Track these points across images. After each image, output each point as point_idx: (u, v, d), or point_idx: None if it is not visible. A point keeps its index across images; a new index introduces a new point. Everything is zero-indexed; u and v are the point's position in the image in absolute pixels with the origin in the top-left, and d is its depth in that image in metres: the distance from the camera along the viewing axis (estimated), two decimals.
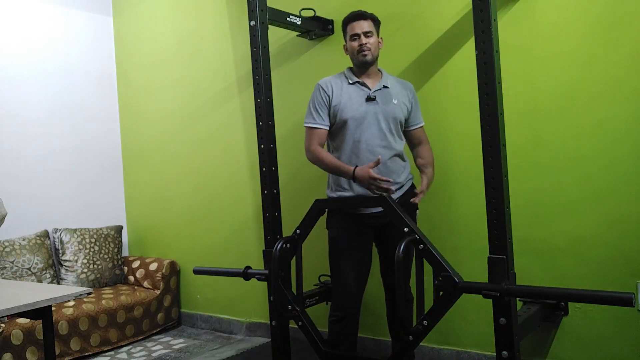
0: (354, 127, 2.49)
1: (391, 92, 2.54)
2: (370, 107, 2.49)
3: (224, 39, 3.79)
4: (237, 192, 3.78)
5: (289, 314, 2.58)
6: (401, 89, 2.59)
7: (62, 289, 2.33)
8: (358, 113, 2.48)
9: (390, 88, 2.54)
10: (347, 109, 2.49)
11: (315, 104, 2.55)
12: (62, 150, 4.11)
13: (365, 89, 2.52)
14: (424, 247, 2.18)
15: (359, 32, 2.49)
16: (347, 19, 2.55)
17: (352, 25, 2.52)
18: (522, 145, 2.65)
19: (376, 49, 2.52)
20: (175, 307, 4.05)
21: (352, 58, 2.55)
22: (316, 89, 2.57)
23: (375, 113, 2.49)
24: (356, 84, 2.53)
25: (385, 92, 2.53)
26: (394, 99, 2.52)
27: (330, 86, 2.54)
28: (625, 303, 1.83)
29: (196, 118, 3.99)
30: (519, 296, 2.27)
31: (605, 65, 2.45)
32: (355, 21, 2.52)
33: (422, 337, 2.21)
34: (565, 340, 2.60)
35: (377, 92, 2.51)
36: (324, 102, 2.54)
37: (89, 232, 4.01)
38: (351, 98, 2.50)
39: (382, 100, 2.51)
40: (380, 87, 2.53)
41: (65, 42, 4.18)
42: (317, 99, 2.55)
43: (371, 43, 2.49)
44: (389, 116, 2.50)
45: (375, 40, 2.52)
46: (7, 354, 3.00)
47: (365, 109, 2.48)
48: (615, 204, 2.44)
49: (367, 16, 2.52)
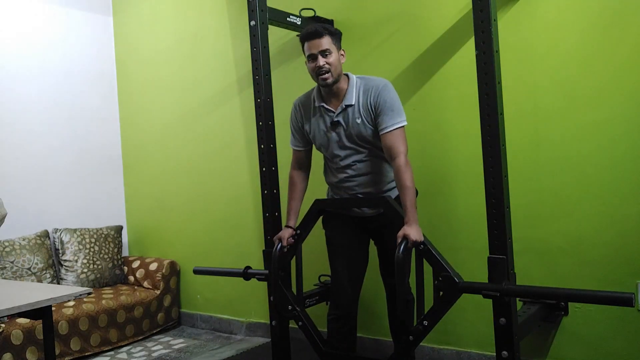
0: (324, 150, 2.52)
1: (355, 110, 2.38)
2: (334, 133, 2.44)
3: (224, 39, 3.79)
4: (237, 192, 3.78)
5: (289, 314, 2.58)
6: (364, 99, 2.37)
7: (62, 289, 2.33)
8: (325, 139, 2.48)
9: (355, 104, 2.38)
10: (316, 136, 2.52)
11: (291, 126, 2.61)
12: (62, 150, 4.11)
13: (330, 113, 2.44)
14: (424, 247, 2.18)
15: (315, 52, 2.33)
16: (302, 37, 2.40)
17: (307, 45, 2.36)
18: (522, 145, 2.65)
19: (337, 66, 2.35)
20: (175, 307, 4.05)
21: (313, 78, 2.42)
22: (292, 109, 2.61)
23: (338, 136, 2.44)
24: (320, 108, 2.47)
25: (349, 112, 2.39)
26: (357, 118, 2.38)
27: (300, 110, 2.56)
28: (625, 303, 1.83)
29: (196, 118, 3.99)
30: (519, 296, 2.27)
31: (605, 65, 2.45)
32: (310, 40, 2.35)
33: (422, 337, 2.22)
34: (565, 340, 2.60)
35: (340, 114, 2.41)
36: (297, 126, 2.59)
37: (89, 232, 4.01)
38: (318, 125, 2.49)
39: (346, 121, 2.41)
40: (342, 109, 2.40)
41: (65, 42, 4.18)
42: (292, 123, 2.60)
43: (330, 62, 2.33)
44: (353, 136, 2.40)
45: (336, 58, 2.35)
46: (7, 354, 3.00)
47: (331, 135, 2.46)
48: (615, 204, 2.44)
49: (323, 33, 2.34)
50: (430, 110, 2.84)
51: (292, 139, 2.62)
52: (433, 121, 2.85)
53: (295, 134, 2.60)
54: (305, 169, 2.65)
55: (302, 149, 2.60)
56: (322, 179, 2.66)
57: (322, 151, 2.56)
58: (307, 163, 2.65)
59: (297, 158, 2.63)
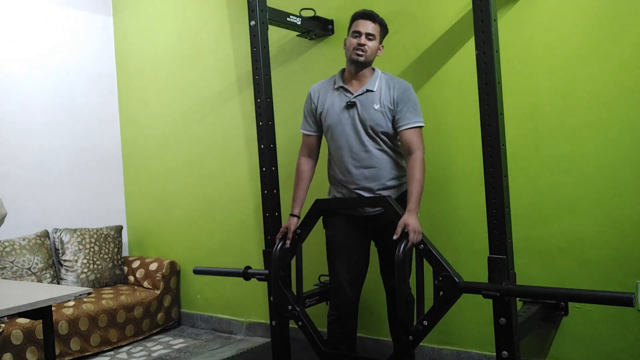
0: (336, 133, 2.49)
1: (374, 97, 2.43)
2: (348, 114, 2.46)
3: (224, 39, 3.79)
4: (237, 192, 3.78)
5: (289, 314, 2.58)
6: (387, 90, 2.44)
7: (62, 289, 2.33)
8: (338, 119, 2.48)
9: (376, 91, 2.44)
10: (329, 115, 2.51)
11: (305, 110, 2.61)
12: (62, 150, 4.11)
13: (347, 94, 2.48)
14: (424, 247, 2.19)
15: (362, 32, 2.43)
16: (357, 15, 2.49)
17: (358, 22, 2.46)
18: (522, 146, 2.65)
19: (373, 53, 2.45)
20: (175, 307, 4.05)
21: (346, 53, 2.48)
22: (308, 94, 2.60)
23: (352, 118, 2.45)
24: (339, 89, 2.51)
25: (368, 97, 2.44)
26: (376, 104, 2.42)
27: (317, 93, 2.57)
28: (625, 303, 1.84)
29: (196, 118, 3.99)
30: (519, 296, 2.27)
31: (605, 65, 2.45)
32: (363, 19, 2.45)
33: (422, 337, 2.22)
34: (565, 340, 2.60)
35: (359, 97, 2.45)
36: (310, 108, 2.58)
37: (89, 232, 4.01)
38: (333, 104, 2.50)
39: (362, 105, 2.44)
40: (362, 92, 2.45)
41: (65, 42, 4.18)
42: (306, 106, 2.61)
43: (369, 46, 2.42)
44: (367, 121, 2.43)
45: (375, 46, 2.45)
46: (7, 354, 3.00)
47: (345, 116, 2.47)
48: (615, 204, 2.44)
49: (377, 20, 2.46)
50: (430, 110, 2.84)
51: (304, 123, 2.62)
52: (433, 121, 2.85)
53: (307, 117, 2.60)
54: (314, 157, 2.65)
55: (314, 134, 2.60)
56: (322, 179, 2.66)
57: (329, 136, 2.53)
58: (316, 151, 2.64)
59: (307, 144, 2.62)
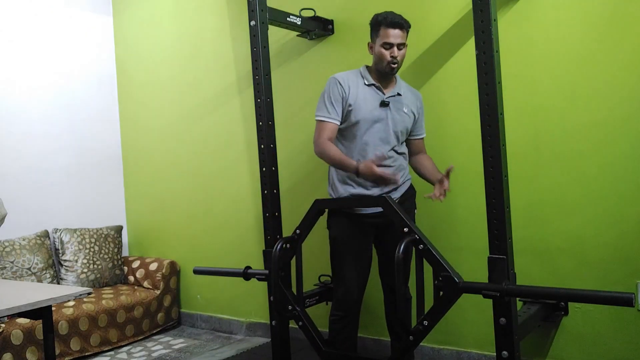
0: (365, 129, 2.48)
1: (403, 100, 2.53)
2: (382, 112, 2.48)
3: (224, 39, 3.79)
4: (237, 192, 3.78)
5: (289, 314, 2.58)
6: (412, 98, 2.59)
7: (62, 289, 2.33)
8: (371, 116, 2.47)
9: (403, 96, 2.53)
10: (362, 110, 2.47)
11: (331, 97, 2.48)
12: (62, 150, 4.11)
13: (380, 93, 2.50)
14: (424, 247, 2.18)
15: (394, 43, 2.40)
16: (385, 22, 2.41)
17: (387, 32, 2.40)
18: (522, 145, 2.65)
19: (403, 59, 2.49)
20: (175, 307, 4.05)
21: (376, 62, 2.46)
22: (332, 82, 2.50)
23: (386, 118, 2.48)
24: (372, 87, 2.51)
25: (398, 99, 2.52)
26: (405, 108, 2.53)
27: (348, 83, 2.49)
28: (625, 303, 1.83)
29: (196, 118, 3.99)
30: (519, 296, 2.27)
31: (605, 65, 2.45)
32: (392, 29, 2.40)
33: (422, 337, 2.21)
34: (565, 340, 2.60)
35: (391, 98, 2.50)
36: (340, 97, 2.48)
37: (89, 232, 4.01)
38: (366, 100, 2.48)
39: (395, 107, 2.51)
40: (394, 94, 2.52)
41: (65, 42, 4.18)
42: (334, 93, 2.48)
43: (402, 55, 2.45)
44: (398, 123, 2.50)
45: (405, 51, 2.47)
46: (7, 354, 3.00)
47: (378, 113, 2.48)
48: (615, 204, 2.44)
49: (405, 27, 2.43)
50: (430, 110, 2.84)
51: (331, 110, 2.47)
52: (433, 121, 2.85)
53: (335, 104, 2.47)
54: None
55: (338, 122, 2.49)
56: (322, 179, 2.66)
57: (355, 130, 2.47)
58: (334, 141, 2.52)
59: (329, 131, 2.47)
